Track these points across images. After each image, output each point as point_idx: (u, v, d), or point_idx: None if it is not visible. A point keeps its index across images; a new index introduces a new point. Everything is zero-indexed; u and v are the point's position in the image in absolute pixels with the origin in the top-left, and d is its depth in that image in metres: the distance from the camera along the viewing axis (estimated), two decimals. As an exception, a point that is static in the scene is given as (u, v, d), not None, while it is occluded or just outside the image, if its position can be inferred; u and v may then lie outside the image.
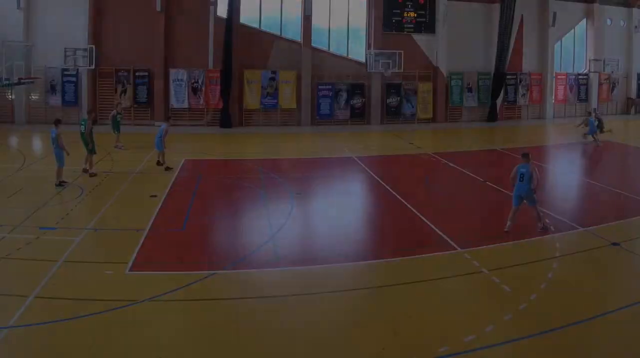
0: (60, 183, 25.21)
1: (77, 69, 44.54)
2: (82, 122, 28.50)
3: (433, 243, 18.45)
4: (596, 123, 39.22)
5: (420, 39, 52.46)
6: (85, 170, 27.65)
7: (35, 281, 14.31)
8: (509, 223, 19.46)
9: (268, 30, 49.49)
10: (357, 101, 50.29)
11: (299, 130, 47.31)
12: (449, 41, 52.46)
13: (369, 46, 51.05)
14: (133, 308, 13.16)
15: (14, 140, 38.78)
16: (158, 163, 29.43)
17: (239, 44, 47.08)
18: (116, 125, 35.60)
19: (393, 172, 30.28)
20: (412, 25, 52.16)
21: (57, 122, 26.05)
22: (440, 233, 19.12)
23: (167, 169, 29.14)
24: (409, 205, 22.85)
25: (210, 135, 43.57)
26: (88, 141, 27.52)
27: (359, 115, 50.61)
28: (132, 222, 20.08)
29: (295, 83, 49.03)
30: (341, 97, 49.90)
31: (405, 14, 51.81)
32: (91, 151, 27.66)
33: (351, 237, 19.18)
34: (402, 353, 11.50)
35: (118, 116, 35.89)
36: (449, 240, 18.44)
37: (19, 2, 43.71)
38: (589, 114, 41.66)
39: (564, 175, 30.72)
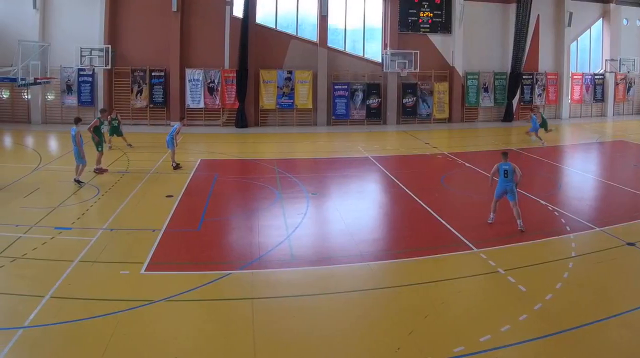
0: (78, 181, 25.38)
1: (93, 69, 44.71)
2: (102, 122, 28.67)
3: (449, 243, 18.39)
4: (540, 122, 39.16)
5: (436, 39, 52.36)
6: (99, 170, 27.83)
7: (50, 281, 14.39)
8: (492, 215, 20.55)
9: (284, 30, 49.60)
10: (373, 101, 50.20)
11: (315, 130, 47.24)
12: (465, 41, 52.35)
13: (385, 46, 50.96)
14: (148, 308, 13.20)
15: (30, 140, 38.90)
16: (174, 166, 29.59)
17: (255, 44, 47.21)
18: (114, 130, 34.82)
19: (409, 172, 30.15)
20: (428, 25, 52.05)
21: (77, 121, 26.34)
22: (456, 233, 19.07)
23: (177, 167, 29.37)
24: (424, 205, 22.81)
25: (226, 135, 43.62)
26: (92, 136, 27.62)
27: (375, 115, 50.49)
28: (148, 222, 20.16)
29: (311, 83, 49.05)
30: (357, 97, 49.83)
31: (421, 14, 51.71)
32: (97, 145, 27.78)
33: (367, 237, 19.13)
34: (417, 353, 11.47)
35: (114, 121, 34.74)
36: (465, 240, 18.40)
37: (35, 2, 43.98)
38: (532, 110, 41.36)
39: (579, 174, 30.51)
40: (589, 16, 57.87)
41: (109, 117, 34.68)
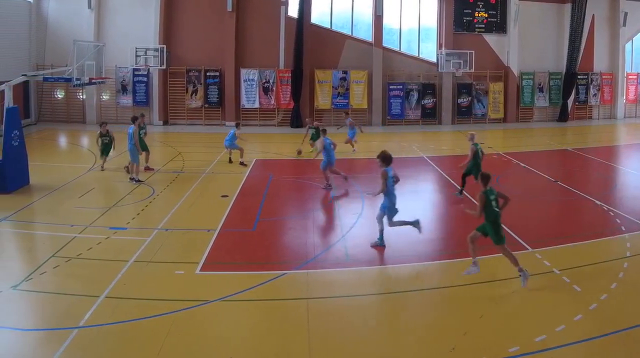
0: (133, 179, 25.73)
1: (148, 69, 45.16)
2: (143, 126, 28.78)
3: (504, 243, 18.14)
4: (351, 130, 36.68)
5: (491, 38, 51.84)
6: (145, 168, 28.30)
7: (105, 281, 14.48)
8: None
9: (339, 30, 49.60)
10: (428, 101, 49.93)
11: (370, 130, 46.68)
12: (520, 41, 51.71)
13: (440, 46, 50.62)
14: (203, 308, 13.22)
15: (85, 140, 39.30)
16: (241, 163, 30.65)
17: (310, 44, 47.24)
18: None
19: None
20: (483, 25, 51.60)
21: (134, 119, 26.73)
22: (512, 233, 18.69)
23: (242, 163, 30.42)
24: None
25: (281, 135, 43.72)
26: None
27: (430, 115, 50.22)
28: (203, 222, 20.25)
29: (367, 83, 48.95)
30: (412, 97, 49.60)
31: (476, 14, 51.28)
32: (143, 149, 28.01)
33: (422, 237, 18.90)
34: (472, 352, 11.44)
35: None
36: (520, 240, 18.16)
37: (89, 2, 44.76)
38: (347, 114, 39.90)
39: (635, 174, 29.97)
40: (643, 16, 56.82)
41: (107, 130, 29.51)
